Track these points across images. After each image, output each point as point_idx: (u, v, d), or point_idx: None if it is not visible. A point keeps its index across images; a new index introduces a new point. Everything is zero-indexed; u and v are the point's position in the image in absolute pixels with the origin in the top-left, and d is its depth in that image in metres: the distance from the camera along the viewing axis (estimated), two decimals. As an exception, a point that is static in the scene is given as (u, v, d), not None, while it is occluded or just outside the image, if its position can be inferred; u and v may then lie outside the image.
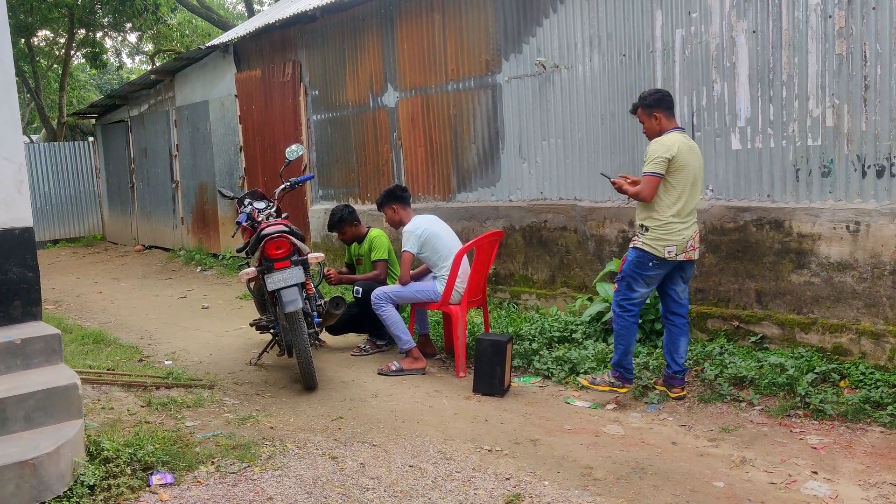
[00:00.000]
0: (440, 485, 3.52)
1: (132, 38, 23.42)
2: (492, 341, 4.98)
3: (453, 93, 7.33)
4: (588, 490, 3.46)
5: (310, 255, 5.13)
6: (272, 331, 5.56)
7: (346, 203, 7.28)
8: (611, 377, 4.70)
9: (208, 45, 11.70)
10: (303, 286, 5.01)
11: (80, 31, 18.33)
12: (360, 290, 5.83)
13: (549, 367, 5.28)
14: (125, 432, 3.94)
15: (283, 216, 5.71)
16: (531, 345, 5.57)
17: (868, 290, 4.59)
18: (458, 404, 4.77)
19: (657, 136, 4.57)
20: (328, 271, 6.06)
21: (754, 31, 5.04)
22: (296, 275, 4.94)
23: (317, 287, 5.50)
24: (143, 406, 4.57)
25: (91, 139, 17.11)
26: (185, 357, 6.08)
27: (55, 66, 21.44)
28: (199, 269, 11.13)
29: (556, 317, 5.96)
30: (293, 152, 5.96)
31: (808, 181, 4.85)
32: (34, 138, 21.51)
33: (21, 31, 17.05)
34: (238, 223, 5.85)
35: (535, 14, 6.48)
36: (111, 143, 15.05)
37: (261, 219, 5.59)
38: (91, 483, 3.29)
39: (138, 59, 27.52)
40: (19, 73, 18.18)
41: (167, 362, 5.82)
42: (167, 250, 13.04)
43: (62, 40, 20.07)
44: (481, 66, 7.01)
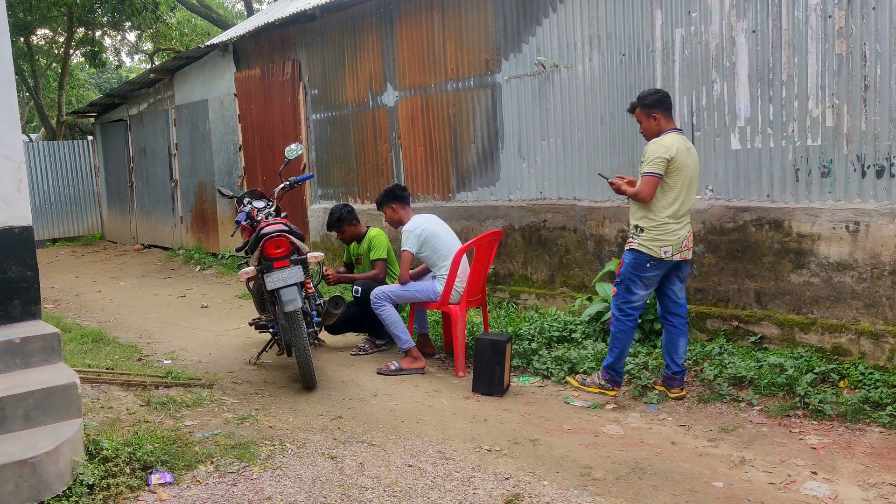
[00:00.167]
0: (439, 484, 3.52)
1: (131, 36, 23.45)
2: (491, 341, 4.98)
3: (453, 92, 7.33)
4: (587, 490, 3.46)
5: (309, 255, 5.13)
6: (271, 330, 5.56)
7: (345, 202, 7.28)
8: (601, 379, 4.71)
9: (208, 43, 11.70)
10: (302, 285, 5.01)
11: (80, 30, 18.32)
12: (360, 289, 5.83)
13: (548, 367, 5.28)
14: (124, 431, 3.94)
15: (283, 215, 5.70)
16: (530, 344, 5.57)
17: (867, 290, 4.59)
18: (458, 404, 4.77)
19: (655, 136, 4.56)
20: (327, 272, 6.06)
21: (754, 31, 5.04)
22: (295, 274, 4.94)
23: (316, 286, 5.50)
24: (142, 405, 4.56)
25: (90, 138, 17.10)
26: (184, 356, 6.07)
27: (54, 64, 21.43)
28: (199, 268, 11.12)
29: (556, 316, 5.96)
30: (292, 151, 5.95)
31: (807, 181, 4.85)
32: (33, 137, 21.52)
33: (20, 29, 17.04)
34: (237, 222, 5.85)
35: (534, 13, 6.48)
36: (110, 142, 15.04)
37: (260, 218, 5.58)
38: (90, 482, 3.29)
39: (137, 57, 27.55)
40: (18, 71, 18.17)
41: (166, 361, 5.82)
42: (166, 249, 13.03)
43: (61, 39, 20.06)
44: (481, 66, 7.01)
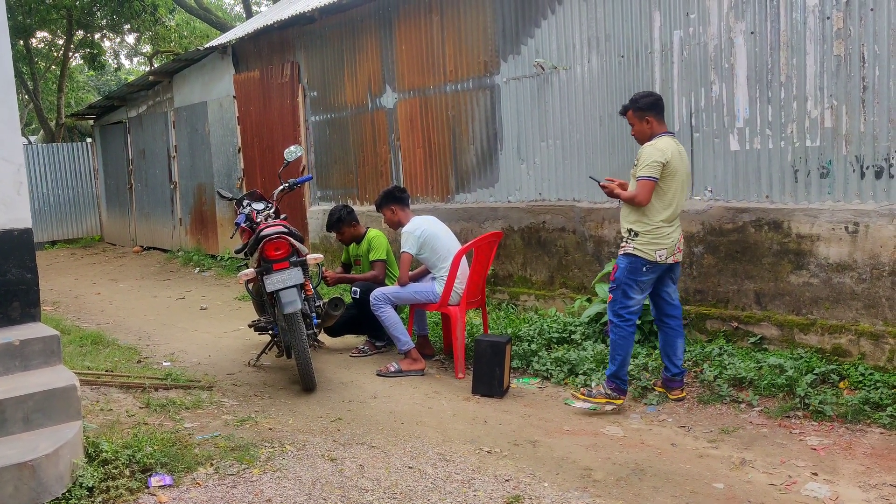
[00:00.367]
0: (439, 486, 3.51)
1: (130, 39, 23.45)
2: (491, 342, 4.98)
3: (452, 94, 7.33)
4: (588, 491, 3.46)
5: (309, 257, 5.13)
6: (271, 332, 5.56)
7: (344, 203, 7.27)
8: (607, 388, 4.56)
9: (207, 46, 11.70)
10: (301, 287, 5.00)
11: (79, 33, 18.32)
12: (358, 290, 5.83)
13: (548, 368, 5.28)
14: (124, 434, 3.94)
15: (282, 217, 5.70)
16: (530, 346, 5.57)
17: (867, 290, 4.59)
18: (458, 405, 4.77)
19: (647, 139, 4.54)
20: (325, 273, 6.05)
21: (752, 33, 5.04)
22: (295, 276, 4.94)
23: (315, 288, 5.50)
24: (141, 407, 4.56)
25: (89, 140, 17.10)
26: (183, 358, 6.07)
27: (53, 67, 21.43)
28: (198, 270, 11.12)
29: (555, 318, 5.96)
30: (292, 153, 5.95)
31: (806, 182, 4.85)
32: (32, 140, 21.49)
33: (19, 32, 17.05)
34: (237, 224, 5.85)
35: (533, 15, 6.48)
36: (109, 144, 15.04)
37: (259, 220, 5.59)
38: (90, 485, 3.29)
39: (136, 60, 27.54)
40: (17, 74, 18.15)
41: (166, 363, 5.81)
42: (165, 251, 13.02)
43: (60, 42, 20.08)
44: (479, 68, 7.02)
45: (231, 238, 7.44)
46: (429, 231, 5.51)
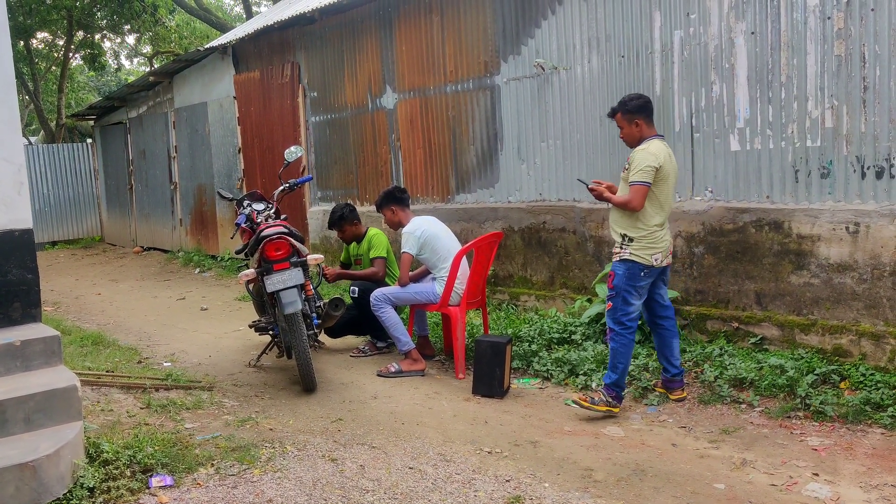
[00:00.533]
0: (440, 487, 3.51)
1: (131, 39, 23.45)
2: (491, 343, 4.98)
3: (452, 94, 7.33)
4: (588, 492, 3.46)
5: (309, 257, 5.13)
6: (271, 332, 5.56)
7: (346, 202, 7.28)
8: (607, 396, 4.51)
9: (207, 46, 11.70)
10: (302, 287, 5.00)
11: (79, 33, 18.33)
12: (357, 289, 5.83)
13: (548, 369, 5.28)
14: (124, 434, 3.94)
15: (282, 217, 5.70)
16: (530, 346, 5.57)
17: (868, 291, 4.59)
18: (458, 406, 4.77)
19: (636, 142, 4.50)
20: (325, 269, 6.05)
21: (753, 33, 5.04)
22: (295, 276, 4.94)
23: (316, 288, 5.50)
24: (142, 408, 4.56)
25: (89, 141, 17.10)
26: (184, 359, 6.07)
27: (54, 68, 21.45)
28: (198, 270, 11.12)
29: (556, 318, 5.96)
30: (292, 154, 5.95)
31: (807, 182, 4.85)
32: (33, 140, 21.51)
33: (20, 33, 17.06)
34: (237, 225, 5.85)
35: (533, 15, 6.48)
36: (110, 144, 15.04)
37: (260, 220, 5.58)
38: (90, 485, 3.29)
39: (137, 60, 27.55)
40: (18, 75, 18.13)
41: (166, 364, 5.81)
42: (165, 252, 13.02)
43: (61, 42, 20.09)
44: (480, 68, 7.02)
45: (231, 238, 7.44)
46: (429, 231, 5.51)
